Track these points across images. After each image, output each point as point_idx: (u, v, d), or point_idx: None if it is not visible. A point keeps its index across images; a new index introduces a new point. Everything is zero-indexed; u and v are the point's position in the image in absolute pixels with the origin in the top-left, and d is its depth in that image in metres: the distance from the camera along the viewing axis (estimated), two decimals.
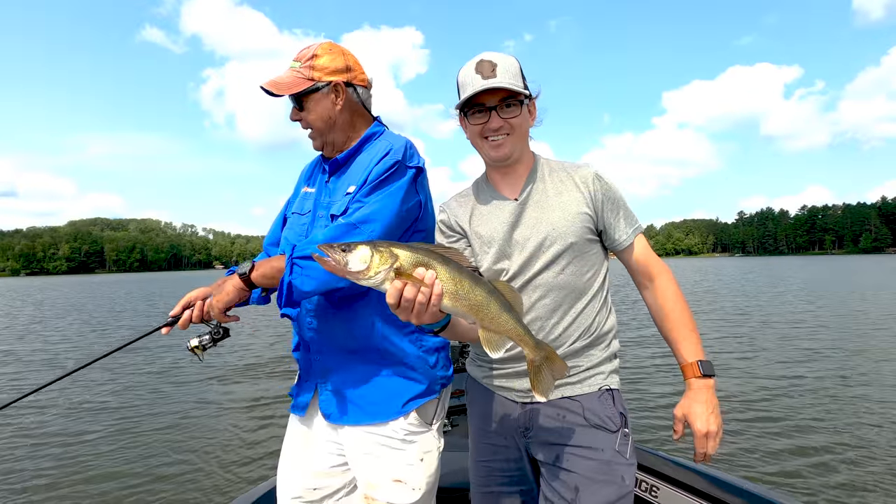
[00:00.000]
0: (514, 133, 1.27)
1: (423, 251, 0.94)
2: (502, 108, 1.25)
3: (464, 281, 0.95)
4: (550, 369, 1.04)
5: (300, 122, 1.44)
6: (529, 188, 1.32)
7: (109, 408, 6.30)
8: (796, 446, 4.45)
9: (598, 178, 1.30)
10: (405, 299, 0.91)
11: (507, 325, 0.99)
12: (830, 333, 10.13)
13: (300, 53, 1.42)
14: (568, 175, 1.32)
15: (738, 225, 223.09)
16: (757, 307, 15.14)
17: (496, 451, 1.36)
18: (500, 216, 1.32)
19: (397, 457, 1.37)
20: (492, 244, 1.31)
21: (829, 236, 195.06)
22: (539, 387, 1.04)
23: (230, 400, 6.52)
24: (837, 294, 18.79)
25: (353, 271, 0.91)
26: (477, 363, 1.43)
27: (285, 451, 1.55)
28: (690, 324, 1.27)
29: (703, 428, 1.19)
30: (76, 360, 8.82)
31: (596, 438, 1.23)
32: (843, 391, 6.06)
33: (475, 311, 0.96)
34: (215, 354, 9.22)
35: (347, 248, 0.91)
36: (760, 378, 6.76)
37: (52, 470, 4.39)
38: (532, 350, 1.02)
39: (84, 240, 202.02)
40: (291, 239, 1.45)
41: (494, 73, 1.23)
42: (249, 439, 5.05)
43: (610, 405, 1.27)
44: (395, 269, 0.91)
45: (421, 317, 0.94)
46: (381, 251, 0.91)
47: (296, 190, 1.61)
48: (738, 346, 9.08)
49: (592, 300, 1.30)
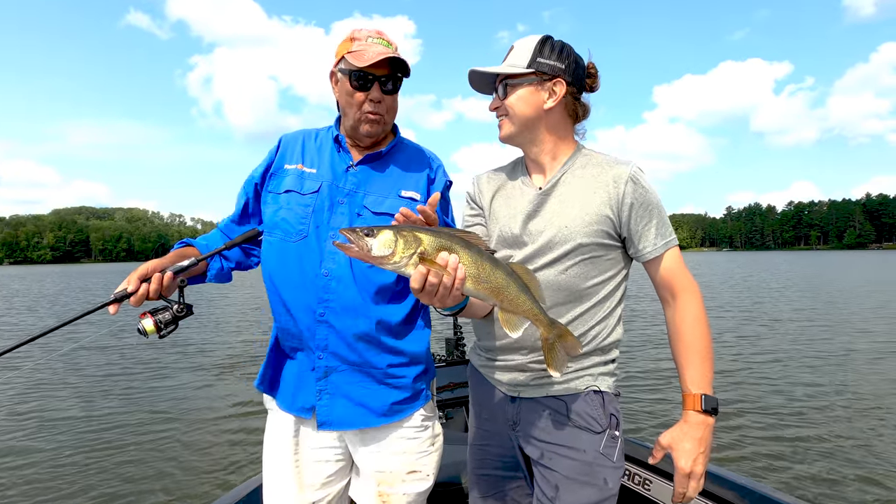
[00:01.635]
0: (512, 115, 1.26)
1: (446, 236, 0.96)
2: (501, 87, 1.26)
3: (485, 264, 0.97)
4: (564, 346, 1.07)
5: (381, 103, 1.34)
6: (557, 179, 1.27)
7: (64, 410, 6.19)
8: (790, 439, 4.51)
9: (633, 181, 1.20)
10: (430, 283, 0.93)
11: (525, 305, 1.02)
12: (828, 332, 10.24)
13: (390, 38, 1.37)
14: (602, 171, 1.24)
15: (727, 220, 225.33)
16: (758, 304, 15.31)
17: (491, 436, 1.37)
18: (521, 203, 1.30)
19: (412, 447, 1.36)
20: (505, 229, 1.29)
21: (815, 232, 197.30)
22: (553, 363, 1.07)
23: (201, 395, 6.34)
24: (849, 291, 18.99)
25: (378, 256, 0.91)
26: (477, 352, 1.43)
27: (273, 465, 1.38)
28: (704, 351, 1.17)
29: (686, 467, 1.11)
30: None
31: (579, 439, 1.22)
32: (845, 387, 6.09)
33: (496, 294, 0.99)
34: (173, 336, 9.10)
35: (371, 232, 0.92)
36: (756, 374, 6.80)
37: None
38: (546, 328, 1.05)
39: (69, 228, 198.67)
40: (293, 220, 1.32)
41: (506, 57, 1.27)
42: (226, 438, 4.87)
43: (597, 406, 1.23)
44: (419, 253, 0.92)
45: (444, 300, 0.95)
46: (405, 236, 0.92)
47: (277, 163, 1.43)
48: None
49: (595, 308, 1.24)
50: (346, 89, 1.33)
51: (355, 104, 1.33)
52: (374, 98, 1.32)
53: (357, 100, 1.32)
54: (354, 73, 1.31)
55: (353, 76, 1.31)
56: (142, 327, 1.22)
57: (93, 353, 8.89)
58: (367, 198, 1.34)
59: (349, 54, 1.31)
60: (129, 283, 1.24)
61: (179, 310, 1.26)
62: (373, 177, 1.38)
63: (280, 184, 1.39)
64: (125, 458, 4.47)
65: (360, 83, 1.31)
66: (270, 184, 1.41)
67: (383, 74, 1.32)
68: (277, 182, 1.40)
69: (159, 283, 1.25)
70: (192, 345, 9.59)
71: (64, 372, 7.59)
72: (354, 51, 1.31)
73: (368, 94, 1.32)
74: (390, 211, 1.33)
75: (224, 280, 1.48)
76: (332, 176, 1.37)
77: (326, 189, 1.35)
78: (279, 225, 1.34)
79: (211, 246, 1.44)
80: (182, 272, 1.30)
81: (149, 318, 1.23)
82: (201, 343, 9.83)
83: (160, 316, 1.24)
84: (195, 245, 1.45)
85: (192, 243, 1.46)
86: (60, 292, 25.16)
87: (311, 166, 1.39)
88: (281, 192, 1.37)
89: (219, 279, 1.46)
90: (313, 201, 1.33)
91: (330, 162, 1.39)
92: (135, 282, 1.24)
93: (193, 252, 1.42)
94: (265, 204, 1.42)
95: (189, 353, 8.83)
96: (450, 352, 3.70)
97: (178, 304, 1.26)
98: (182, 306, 1.27)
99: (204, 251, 1.42)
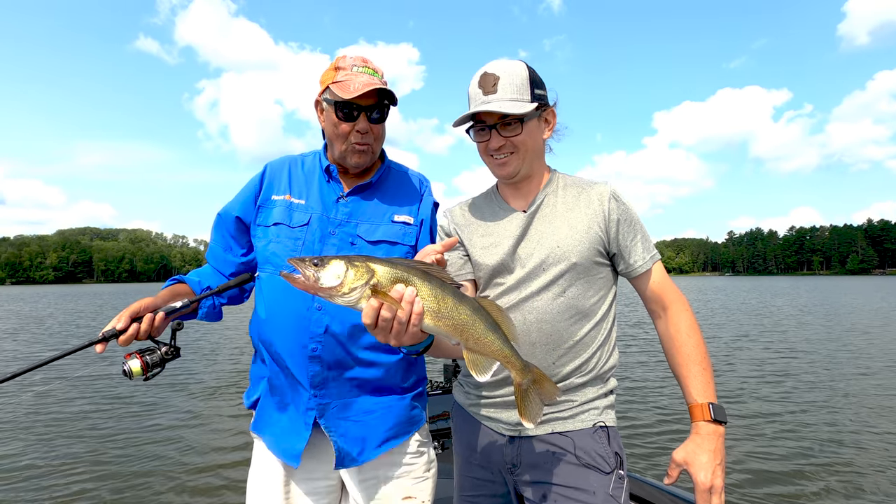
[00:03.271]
0: (519, 151, 1.21)
1: (403, 266, 0.88)
2: (503, 126, 1.18)
3: (447, 298, 0.88)
4: (539, 393, 0.97)
5: (368, 133, 1.31)
6: (540, 201, 1.26)
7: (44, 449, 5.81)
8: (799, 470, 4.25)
9: (615, 197, 1.22)
10: (383, 318, 0.85)
11: (493, 346, 0.92)
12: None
13: (376, 65, 1.32)
14: (582, 191, 1.25)
15: (728, 244, 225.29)
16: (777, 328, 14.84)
17: (481, 485, 1.28)
18: (507, 228, 1.26)
19: (408, 472, 1.33)
20: (494, 256, 1.24)
21: (818, 257, 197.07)
22: (527, 412, 0.97)
23: (189, 424, 6.05)
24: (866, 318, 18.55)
25: (326, 287, 0.85)
26: (464, 389, 1.35)
27: (259, 497, 1.33)
28: (703, 361, 1.15)
29: (706, 481, 1.04)
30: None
31: (588, 479, 1.15)
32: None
33: (459, 332, 0.90)
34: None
35: (320, 262, 0.85)
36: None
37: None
38: (519, 373, 0.95)
39: (72, 249, 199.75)
40: (283, 254, 1.29)
41: (495, 88, 1.16)
42: (208, 467, 4.61)
43: (604, 443, 1.18)
44: (372, 285, 0.85)
45: (400, 337, 0.87)
46: (357, 266, 0.86)
47: (264, 194, 1.39)
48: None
49: (594, 330, 1.21)
50: (332, 120, 1.31)
51: (342, 135, 1.30)
52: (361, 129, 1.30)
53: (343, 131, 1.30)
54: (340, 104, 1.28)
55: (339, 107, 1.28)
56: (128, 368, 1.17)
57: (75, 385, 8.50)
58: (360, 226, 1.32)
59: (334, 84, 1.28)
60: (119, 321, 1.19)
61: (168, 352, 1.21)
62: (364, 205, 1.35)
63: (268, 216, 1.36)
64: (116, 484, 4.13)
65: (345, 114, 1.28)
66: (259, 216, 1.38)
67: (369, 104, 1.28)
68: (266, 215, 1.36)
69: (150, 324, 1.20)
70: (181, 373, 9.20)
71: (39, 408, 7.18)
72: (339, 81, 1.28)
73: (355, 124, 1.29)
74: (385, 238, 1.31)
75: (214, 319, 1.42)
76: (321, 207, 1.34)
77: (317, 221, 1.32)
78: (269, 259, 1.32)
79: (203, 283, 1.42)
80: (174, 314, 1.27)
81: (136, 359, 1.18)
82: (188, 372, 9.45)
83: (148, 357, 1.19)
84: (187, 282, 1.41)
85: (184, 279, 1.42)
86: (50, 315, 24.82)
87: (300, 197, 1.36)
88: (270, 224, 1.34)
89: (209, 318, 1.40)
90: (303, 234, 1.31)
91: (319, 192, 1.36)
92: (125, 320, 1.19)
93: (185, 290, 1.38)
94: (255, 237, 1.39)
95: (178, 383, 8.44)
96: (448, 379, 3.48)
97: (168, 347, 1.22)
98: (171, 348, 1.22)
99: (196, 288, 1.39)
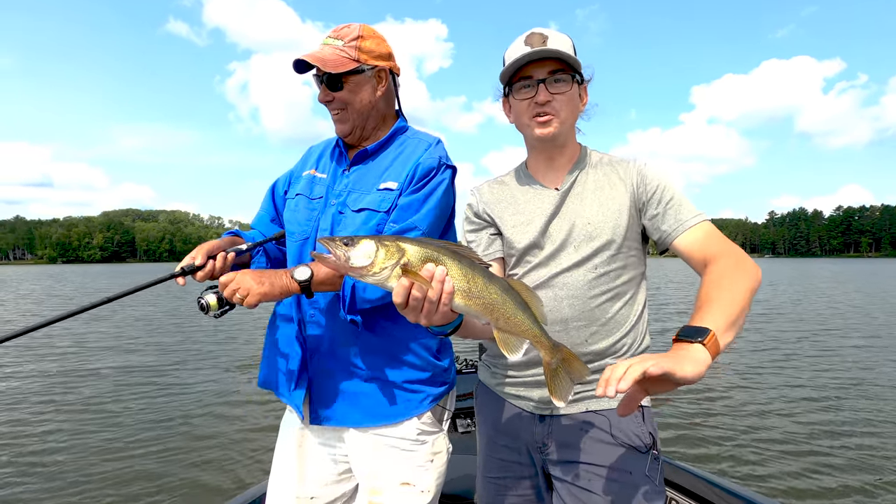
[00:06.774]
0: (563, 110, 1.17)
1: (433, 246, 0.87)
2: (551, 81, 1.15)
3: (477, 278, 0.88)
4: (568, 372, 0.96)
5: (331, 102, 1.33)
6: (573, 178, 1.23)
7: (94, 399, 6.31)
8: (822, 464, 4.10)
9: (644, 172, 1.19)
10: (413, 298, 0.83)
11: (524, 325, 0.92)
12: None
13: (341, 31, 1.33)
14: (612, 169, 1.23)
15: (769, 225, 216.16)
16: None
17: (508, 467, 1.26)
18: (539, 205, 1.23)
19: (407, 458, 1.32)
20: (526, 234, 1.22)
21: (866, 238, 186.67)
22: (557, 391, 0.97)
23: (221, 393, 6.29)
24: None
25: (356, 267, 0.84)
26: (491, 369, 1.33)
27: (279, 455, 1.45)
28: (738, 301, 0.90)
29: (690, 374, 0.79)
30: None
31: (624, 459, 1.12)
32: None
33: (489, 311, 0.89)
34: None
35: (350, 241, 0.85)
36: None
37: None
38: (549, 352, 0.95)
39: (116, 230, 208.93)
40: (300, 221, 1.38)
41: (545, 44, 1.14)
42: (240, 437, 4.82)
43: (640, 423, 1.14)
44: (403, 265, 0.84)
45: (431, 317, 0.85)
46: (388, 245, 0.85)
47: (297, 169, 1.51)
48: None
49: (626, 308, 1.18)
50: None
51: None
52: (320, 98, 1.32)
53: (321, 102, 1.34)
54: (315, 77, 1.33)
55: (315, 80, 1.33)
56: (205, 302, 1.21)
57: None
58: (350, 196, 1.33)
59: None
60: (197, 258, 1.24)
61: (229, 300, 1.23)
62: (360, 175, 1.36)
63: (293, 188, 1.45)
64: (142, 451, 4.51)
65: (319, 86, 1.33)
66: (290, 189, 1.48)
67: (322, 74, 1.29)
68: (293, 188, 1.46)
69: (224, 261, 1.26)
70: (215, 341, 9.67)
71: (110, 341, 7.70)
72: None
73: (321, 95, 1.32)
74: (369, 206, 1.29)
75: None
76: (332, 180, 1.39)
77: (325, 193, 1.37)
78: (289, 227, 1.41)
79: (255, 239, 1.49)
80: (241, 255, 1.36)
81: (212, 294, 1.22)
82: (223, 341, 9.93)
83: (222, 294, 1.20)
84: (241, 236, 1.49)
85: (239, 233, 1.50)
86: (119, 285, 26.14)
87: (323, 171, 1.42)
88: (293, 196, 1.43)
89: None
90: (319, 205, 1.36)
91: (332, 167, 1.41)
92: (202, 257, 1.24)
93: (242, 241, 1.46)
94: (283, 209, 1.48)
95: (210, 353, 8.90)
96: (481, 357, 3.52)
97: None
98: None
99: (249, 241, 1.47)
